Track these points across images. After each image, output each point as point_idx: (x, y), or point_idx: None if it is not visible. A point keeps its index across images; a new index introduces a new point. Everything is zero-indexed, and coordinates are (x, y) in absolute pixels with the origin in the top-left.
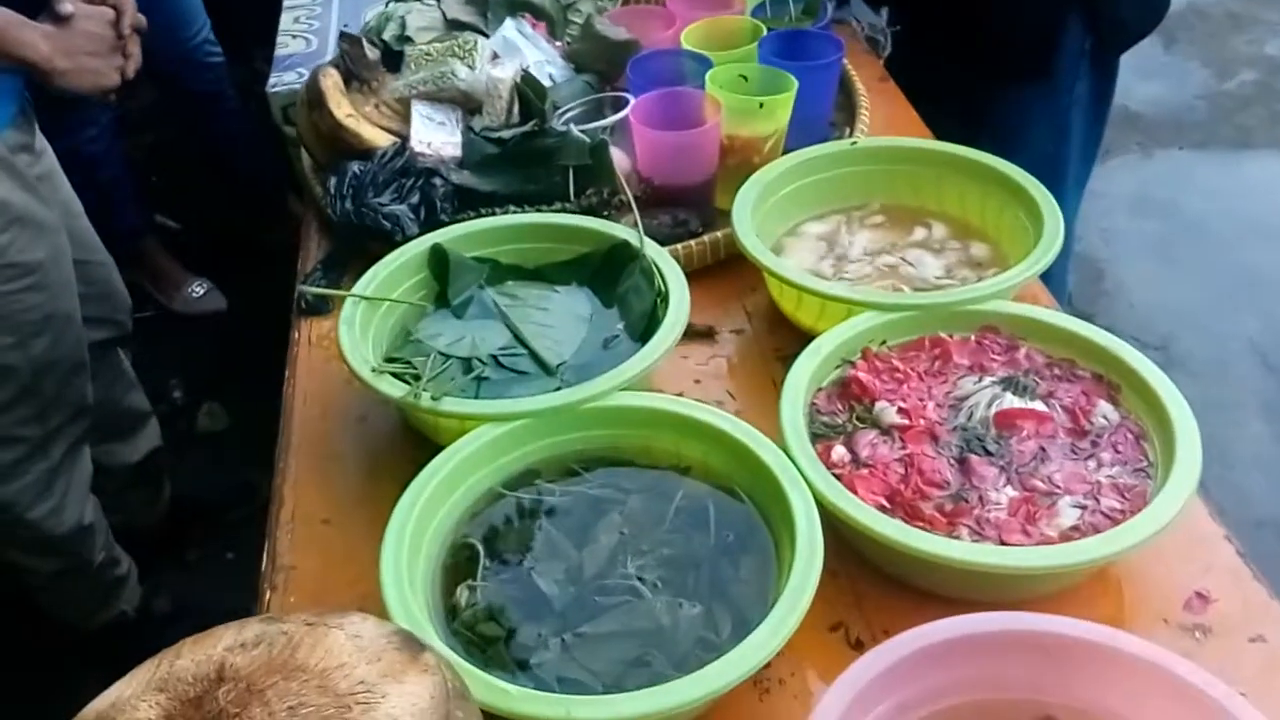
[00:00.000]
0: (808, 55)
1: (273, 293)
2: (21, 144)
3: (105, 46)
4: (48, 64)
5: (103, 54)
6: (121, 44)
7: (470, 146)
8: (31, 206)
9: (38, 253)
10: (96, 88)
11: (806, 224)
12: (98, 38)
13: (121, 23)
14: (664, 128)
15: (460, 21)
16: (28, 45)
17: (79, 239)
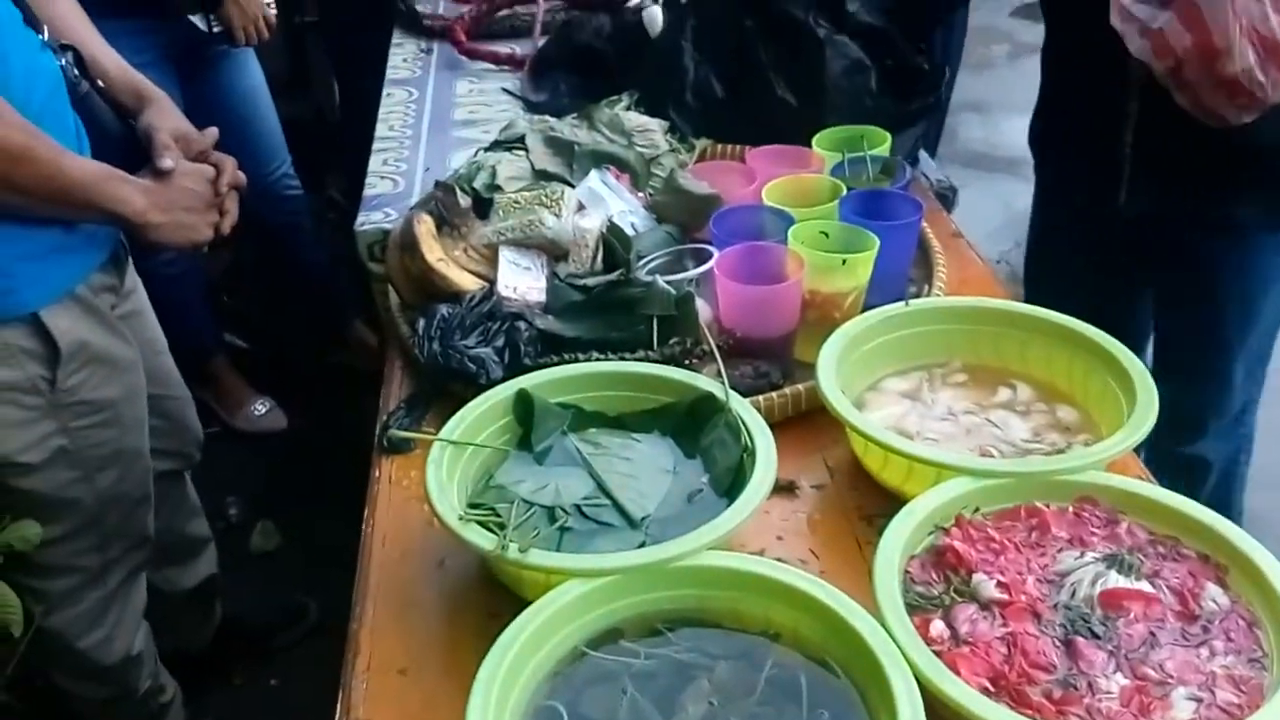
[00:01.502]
0: (886, 214)
1: (332, 414)
2: (108, 285)
3: (202, 203)
4: (141, 218)
5: (199, 210)
6: (219, 201)
7: (555, 293)
8: (110, 346)
9: (111, 391)
10: (189, 242)
11: (888, 380)
12: (195, 194)
13: (220, 180)
14: (747, 281)
15: (548, 172)
16: (122, 200)
17: (158, 375)
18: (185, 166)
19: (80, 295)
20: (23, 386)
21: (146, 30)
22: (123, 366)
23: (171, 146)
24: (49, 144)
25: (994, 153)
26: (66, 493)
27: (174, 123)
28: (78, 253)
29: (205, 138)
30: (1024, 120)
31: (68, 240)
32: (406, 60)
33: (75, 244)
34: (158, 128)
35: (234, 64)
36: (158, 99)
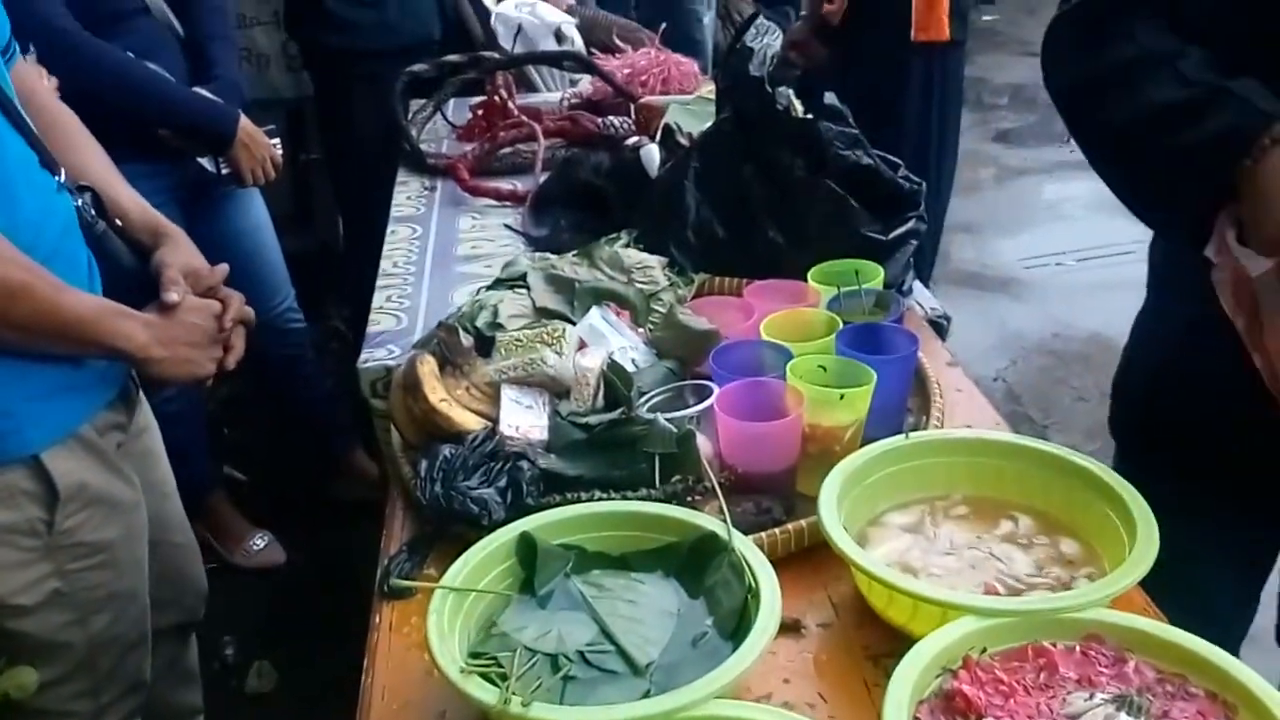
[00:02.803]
0: (883, 347)
1: (332, 546)
2: (114, 424)
3: (206, 339)
4: (143, 353)
5: (202, 346)
6: (224, 336)
7: (557, 431)
8: (111, 487)
9: (110, 532)
10: (191, 377)
11: (889, 514)
12: (200, 330)
13: (226, 315)
14: (747, 417)
15: (549, 309)
16: (123, 336)
17: (162, 519)
18: (192, 302)
19: (84, 435)
20: (21, 529)
21: (155, 173)
22: (124, 508)
23: (179, 281)
24: (49, 281)
25: (986, 272)
26: (60, 636)
27: (185, 258)
28: (83, 392)
29: (215, 274)
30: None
31: (74, 379)
32: (410, 197)
33: (81, 383)
34: (168, 263)
35: (239, 202)
36: (173, 235)
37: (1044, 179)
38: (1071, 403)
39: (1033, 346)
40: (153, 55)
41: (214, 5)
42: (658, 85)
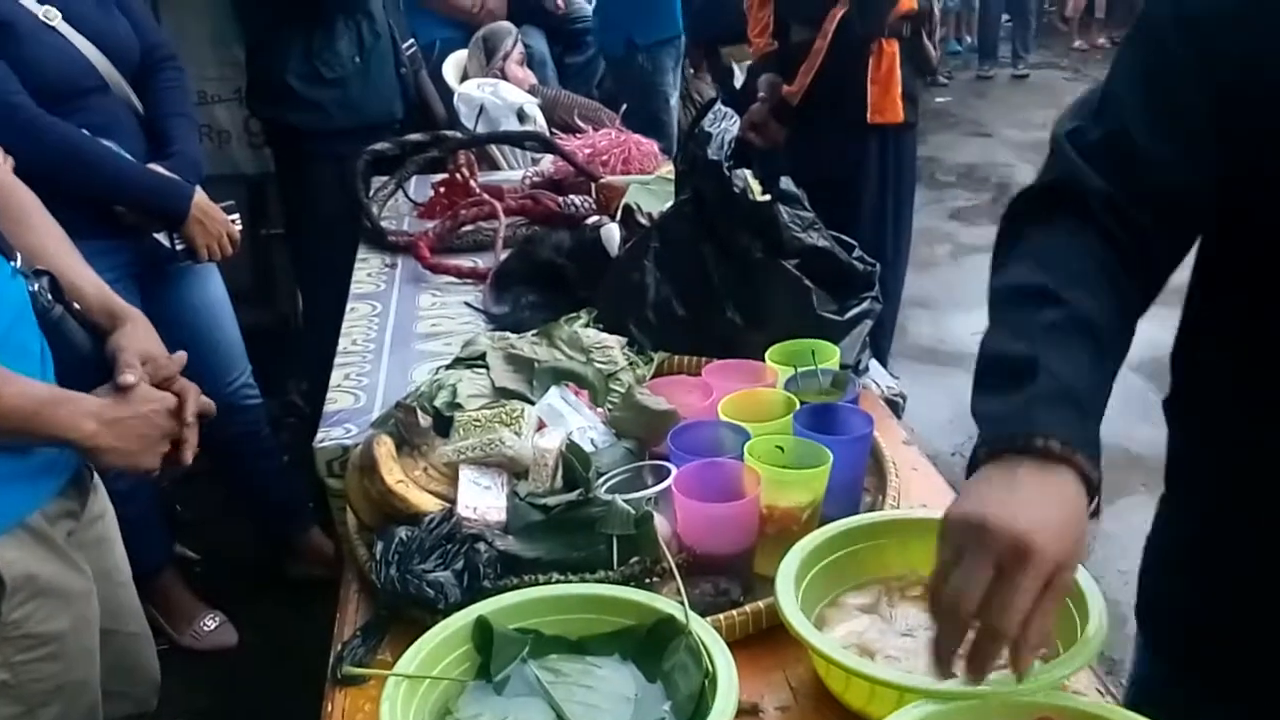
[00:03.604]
0: (839, 427)
1: (284, 627)
2: (66, 511)
3: (157, 433)
4: (89, 442)
5: (153, 439)
6: (177, 432)
7: (515, 512)
8: (61, 577)
9: (59, 623)
10: (137, 468)
11: (847, 594)
12: (152, 423)
13: (185, 411)
14: (705, 498)
15: (508, 389)
16: (68, 427)
17: (115, 608)
18: (147, 393)
19: (32, 524)
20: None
21: (111, 249)
22: (74, 598)
23: (135, 365)
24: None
25: (942, 348)
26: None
27: (142, 344)
28: (32, 480)
29: (173, 363)
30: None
31: (21, 467)
32: (371, 274)
33: (30, 471)
34: (124, 347)
35: (196, 278)
36: (131, 318)
37: None
38: None
39: None
40: (111, 132)
41: (172, 83)
42: (619, 165)
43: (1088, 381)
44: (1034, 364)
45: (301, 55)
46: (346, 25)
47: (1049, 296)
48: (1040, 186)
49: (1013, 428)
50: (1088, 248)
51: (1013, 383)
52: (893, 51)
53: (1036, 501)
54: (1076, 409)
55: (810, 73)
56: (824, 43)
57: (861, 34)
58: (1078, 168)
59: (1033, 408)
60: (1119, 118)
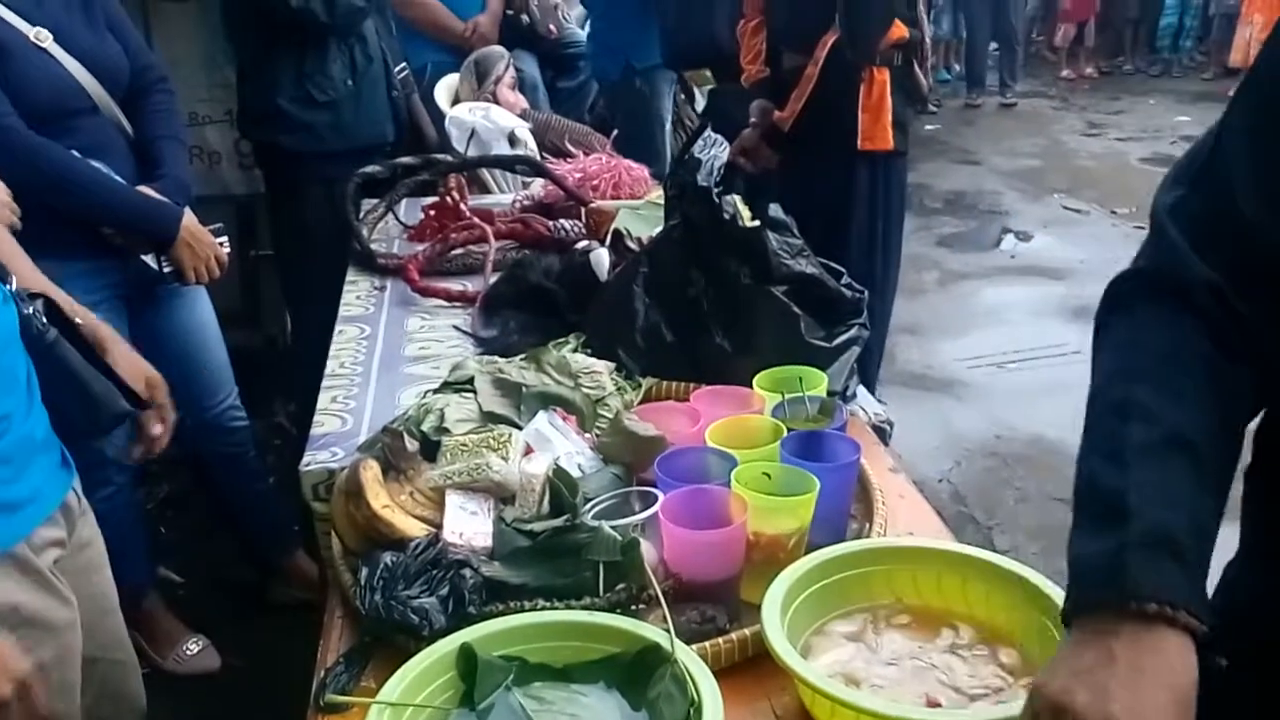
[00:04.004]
0: (826, 454)
1: (269, 650)
2: (52, 540)
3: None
4: None
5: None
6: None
7: (501, 538)
8: (45, 608)
9: (42, 654)
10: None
11: (833, 623)
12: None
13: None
14: (692, 524)
15: (495, 414)
16: None
17: (101, 635)
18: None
19: (17, 554)
20: None
21: (99, 270)
22: (57, 629)
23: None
24: None
25: (930, 374)
26: None
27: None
28: (17, 510)
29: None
30: (954, 342)
31: (6, 496)
32: (360, 297)
33: (15, 500)
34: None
35: (184, 300)
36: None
37: (984, 283)
38: (1015, 504)
39: (976, 448)
40: (101, 154)
41: (163, 105)
42: (609, 190)
43: (1187, 514)
44: (1124, 500)
45: (293, 78)
46: (339, 48)
47: (1144, 411)
48: (1140, 272)
49: (1104, 586)
50: (1190, 346)
51: (1103, 525)
52: (884, 79)
53: (1134, 681)
54: (1174, 555)
55: (802, 99)
56: (815, 69)
57: (853, 61)
58: (1181, 253)
59: (1126, 559)
60: (1225, 187)
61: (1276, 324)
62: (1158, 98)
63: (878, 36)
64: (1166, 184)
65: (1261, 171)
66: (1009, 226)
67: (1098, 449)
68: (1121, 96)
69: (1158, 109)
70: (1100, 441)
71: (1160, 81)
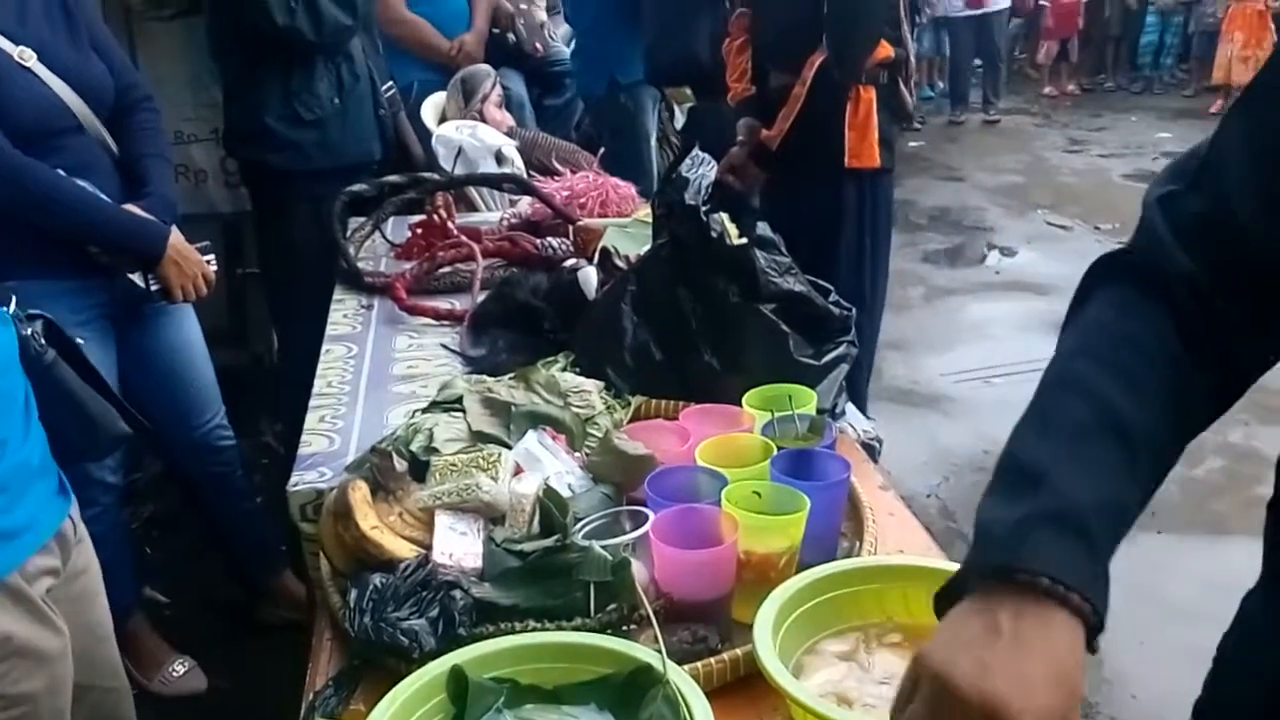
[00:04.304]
0: (816, 472)
1: (256, 671)
2: (47, 569)
3: None
4: None
5: None
6: None
7: (492, 558)
8: (37, 637)
9: (33, 684)
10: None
11: (825, 641)
12: None
13: None
14: (682, 544)
15: (485, 433)
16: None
17: (94, 663)
18: None
19: (10, 584)
20: None
21: (85, 289)
22: (49, 659)
23: None
24: None
25: (916, 389)
26: None
27: None
28: (11, 540)
29: None
30: (940, 358)
31: (1, 525)
32: (347, 315)
33: (11, 529)
34: None
35: (171, 319)
36: None
37: (969, 298)
38: None
39: (964, 463)
40: (86, 172)
41: (148, 124)
42: (596, 208)
43: (1105, 499)
44: (1042, 472)
45: (280, 96)
46: (326, 67)
47: (1088, 390)
48: (1121, 255)
49: (1000, 555)
50: (1155, 335)
51: (1014, 492)
52: (870, 98)
53: (1017, 656)
54: (1079, 535)
55: (789, 118)
56: (803, 89)
57: (839, 81)
58: (1165, 243)
59: (1025, 531)
60: (1220, 189)
61: (1252, 327)
62: (1139, 115)
63: (864, 57)
64: (1161, 179)
65: (1260, 173)
66: (993, 242)
67: (1031, 418)
68: (1103, 113)
69: (1139, 126)
70: (1036, 411)
71: (1142, 98)
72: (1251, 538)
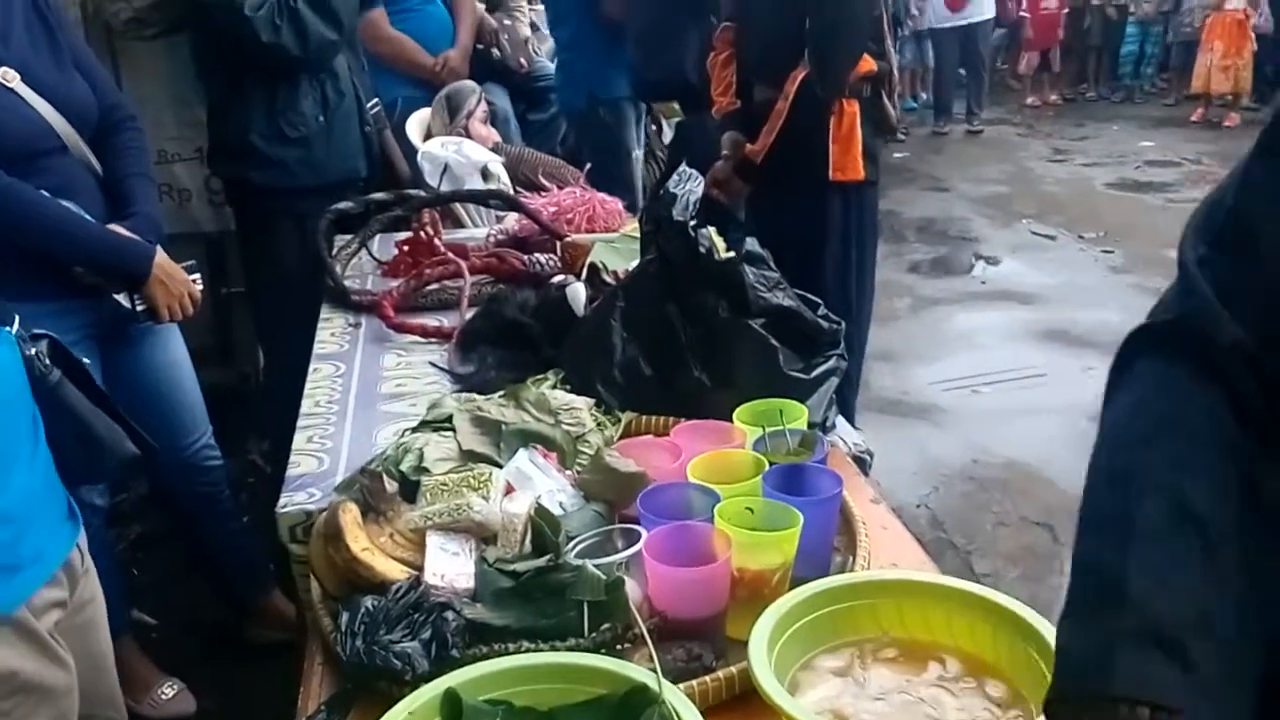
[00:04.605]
0: (808, 488)
1: (245, 692)
2: (55, 601)
3: None
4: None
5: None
6: None
7: (484, 579)
8: (43, 673)
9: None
10: None
11: (819, 658)
12: None
13: None
14: (676, 562)
15: (475, 452)
16: None
17: (96, 693)
18: None
19: (18, 619)
20: None
21: (71, 310)
22: (55, 694)
23: None
24: None
25: (906, 399)
26: None
27: None
28: (18, 573)
29: None
30: (929, 368)
31: (7, 560)
32: (334, 334)
33: (17, 563)
34: None
35: (156, 339)
36: None
37: (956, 308)
38: (993, 528)
39: (953, 473)
40: (70, 193)
41: (132, 143)
42: (583, 223)
43: (1192, 602)
44: (1121, 586)
45: (265, 114)
46: (311, 84)
47: (1149, 479)
48: (1161, 326)
49: (1092, 682)
50: (1207, 413)
51: (1095, 608)
52: (853, 111)
53: None
54: (1171, 653)
55: (773, 132)
56: (785, 104)
57: (822, 96)
58: (1211, 306)
59: (1115, 654)
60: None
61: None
62: (1121, 124)
63: (847, 71)
64: (1189, 233)
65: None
66: (979, 252)
67: (1094, 523)
68: (1086, 123)
69: (1121, 135)
70: (1097, 514)
71: (1123, 108)
72: None
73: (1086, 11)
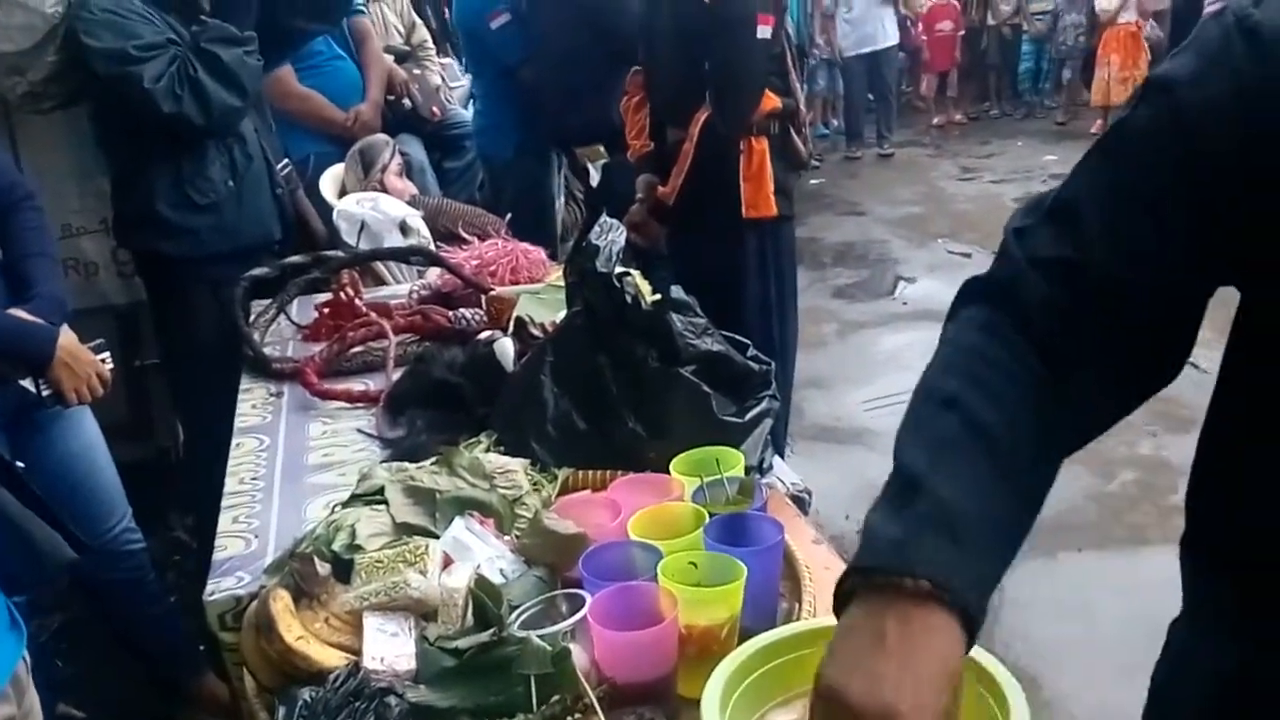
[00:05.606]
0: (750, 535)
1: None
2: (5, 717)
3: None
4: None
5: None
6: None
7: (425, 658)
8: None
9: None
10: None
11: (773, 712)
12: None
13: None
14: (622, 625)
15: (410, 524)
16: None
17: None
18: None
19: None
20: None
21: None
22: None
23: None
24: None
25: (839, 425)
26: None
27: None
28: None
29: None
30: (860, 391)
31: None
32: (256, 405)
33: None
34: None
35: (67, 423)
36: None
37: (881, 330)
38: None
39: None
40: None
41: (30, 224)
42: (507, 275)
43: (976, 502)
44: (920, 482)
45: (171, 183)
46: (218, 149)
47: (953, 402)
48: (983, 280)
49: (884, 560)
50: (1014, 356)
51: (897, 501)
52: (763, 149)
53: (906, 660)
54: (953, 538)
55: (681, 173)
56: (691, 145)
57: (725, 135)
58: (1021, 270)
59: (907, 537)
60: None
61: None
62: (1024, 139)
63: (748, 111)
64: (1019, 213)
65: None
66: (899, 274)
67: (910, 432)
68: (991, 140)
69: (1025, 150)
70: (913, 426)
71: (1025, 124)
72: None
73: (984, 32)
